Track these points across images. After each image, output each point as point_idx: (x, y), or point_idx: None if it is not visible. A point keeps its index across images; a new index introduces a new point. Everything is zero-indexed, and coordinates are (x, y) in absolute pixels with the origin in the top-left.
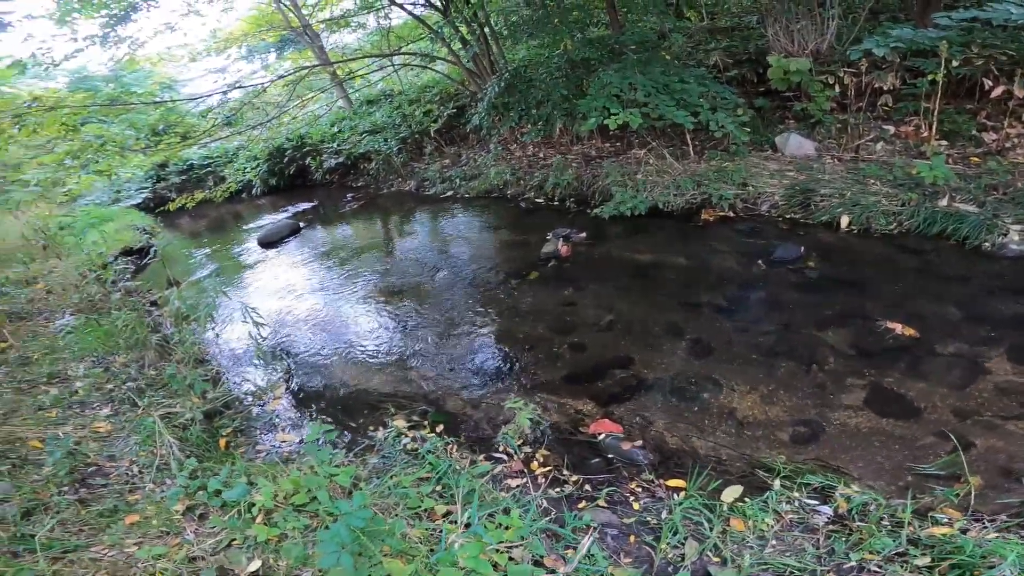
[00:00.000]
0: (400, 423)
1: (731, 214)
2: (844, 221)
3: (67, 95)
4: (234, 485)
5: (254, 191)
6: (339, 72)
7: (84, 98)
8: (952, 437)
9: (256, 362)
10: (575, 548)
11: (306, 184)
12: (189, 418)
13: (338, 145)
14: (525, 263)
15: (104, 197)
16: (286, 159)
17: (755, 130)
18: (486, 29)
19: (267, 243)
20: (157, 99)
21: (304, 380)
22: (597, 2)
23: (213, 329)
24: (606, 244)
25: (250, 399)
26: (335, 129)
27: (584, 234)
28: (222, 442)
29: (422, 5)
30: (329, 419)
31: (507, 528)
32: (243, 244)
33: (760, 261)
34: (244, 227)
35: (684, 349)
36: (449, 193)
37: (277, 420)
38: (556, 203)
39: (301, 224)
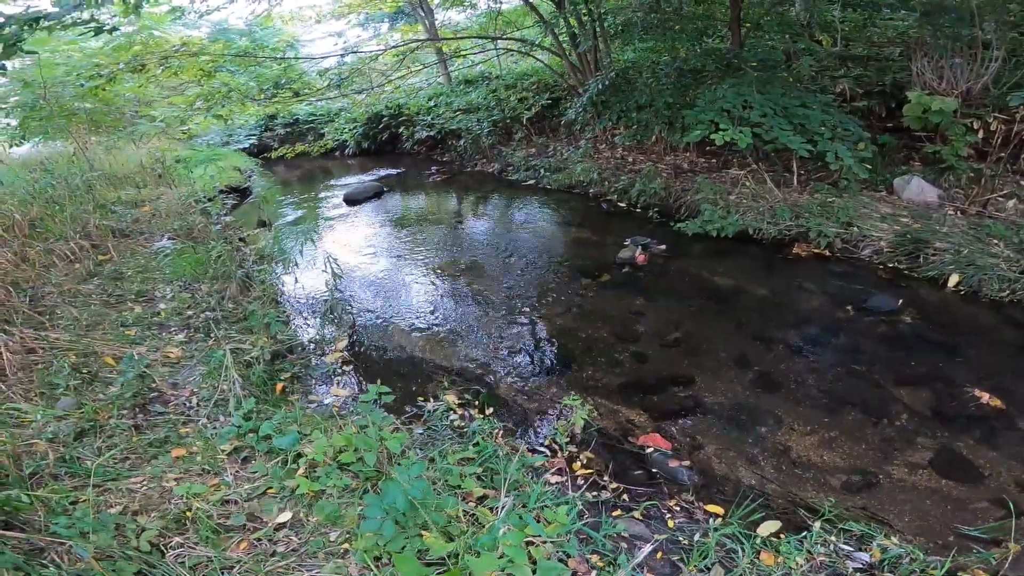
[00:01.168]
0: (451, 399)
1: (827, 253)
2: (953, 280)
3: (208, 44)
4: (287, 432)
5: (347, 151)
6: (444, 49)
7: (222, 47)
8: (1010, 503)
9: (323, 312)
10: (601, 554)
11: (395, 151)
12: (256, 356)
13: (432, 119)
14: (597, 264)
15: (216, 139)
16: (381, 125)
17: (873, 168)
18: (597, 27)
19: (352, 200)
20: (281, 56)
21: (364, 338)
22: (720, 14)
23: (292, 272)
24: (685, 260)
25: (312, 347)
26: (431, 103)
27: (664, 246)
28: (279, 386)
29: None
30: (383, 377)
31: (549, 523)
32: (330, 198)
33: (850, 307)
34: (332, 182)
35: (750, 380)
36: (531, 181)
37: (333, 373)
38: (638, 210)
39: (385, 188)
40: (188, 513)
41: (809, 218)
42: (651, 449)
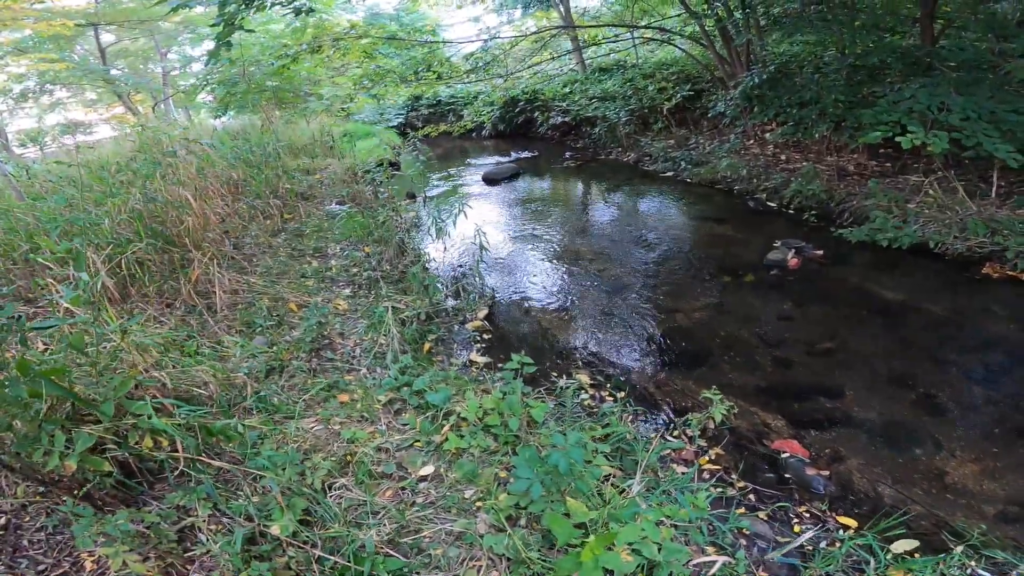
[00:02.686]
0: (583, 378)
1: (1021, 276)
2: None
3: (369, 27)
4: (437, 390)
5: (484, 132)
6: (579, 36)
7: (381, 31)
8: None
9: (467, 282)
10: (719, 546)
11: (528, 135)
12: (411, 315)
13: (567, 105)
14: (742, 263)
15: (370, 117)
16: (517, 109)
17: None
18: (752, 18)
19: (490, 180)
20: (431, 39)
21: (502, 311)
22: (904, 8)
23: (441, 241)
24: (845, 269)
25: (455, 314)
26: (566, 90)
27: (821, 252)
28: (426, 346)
29: None
30: (519, 350)
31: (683, 508)
32: (469, 175)
33: None
34: (471, 161)
35: (911, 401)
36: (669, 173)
37: (473, 341)
38: (791, 211)
39: (521, 170)
40: (350, 457)
41: (1011, 236)
42: (787, 454)
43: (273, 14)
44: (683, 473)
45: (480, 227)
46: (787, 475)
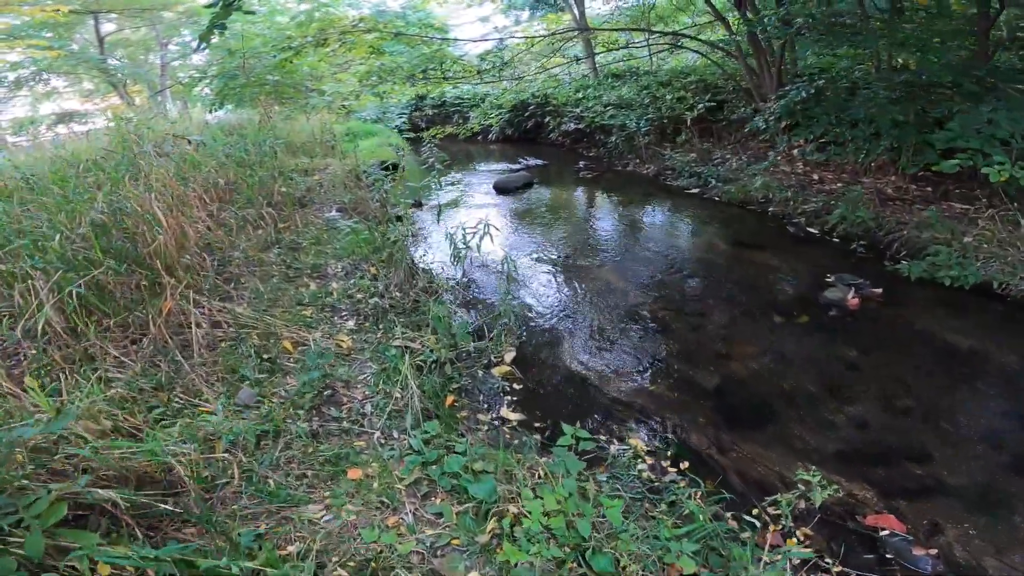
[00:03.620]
0: (638, 444)
1: None
2: None
3: (378, 22)
4: (480, 478)
5: (490, 136)
6: (594, 40)
7: (390, 26)
8: None
9: (492, 318)
10: None
11: (537, 140)
12: (427, 360)
13: (580, 111)
14: (794, 300)
15: (371, 116)
16: (527, 113)
17: None
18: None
19: (502, 189)
20: (442, 37)
21: (531, 352)
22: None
23: (459, 268)
24: (906, 310)
25: (478, 355)
26: (579, 95)
27: (879, 291)
28: (449, 399)
29: None
30: (556, 405)
31: None
32: (478, 183)
33: None
34: (478, 167)
35: (1004, 463)
36: (695, 190)
37: (502, 392)
38: (835, 239)
39: (534, 179)
40: (375, 564)
41: None
42: (885, 531)
43: (279, 3)
44: (769, 563)
45: (508, 254)
46: (889, 555)
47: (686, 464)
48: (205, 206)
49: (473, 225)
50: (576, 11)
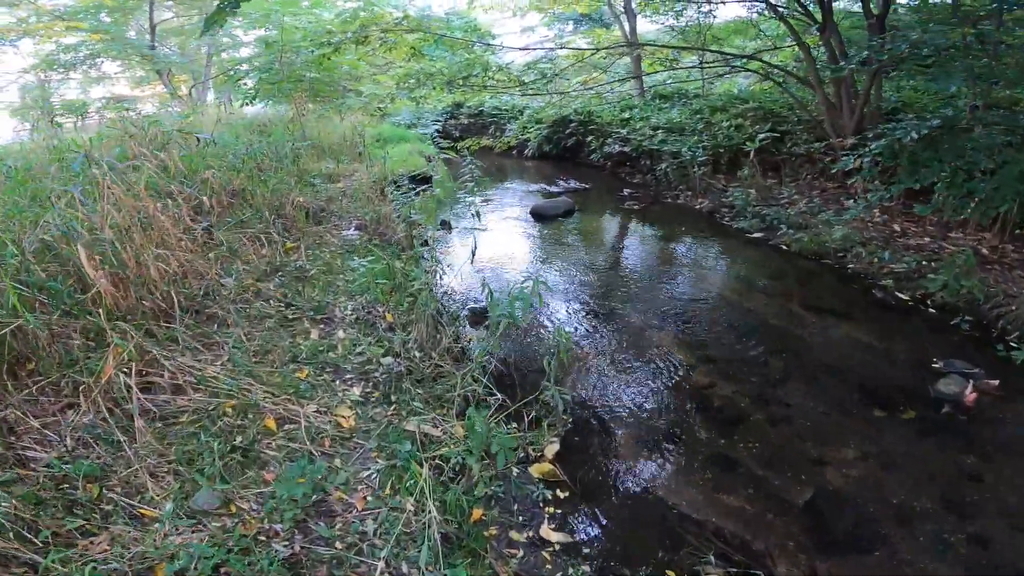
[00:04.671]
0: None
1: None
2: None
3: (423, 21)
4: None
5: (527, 152)
6: (643, 58)
7: (434, 27)
8: None
9: (531, 398)
10: None
11: (576, 160)
12: (453, 455)
13: (627, 133)
14: (895, 390)
15: (406, 121)
16: (568, 131)
17: None
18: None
19: (540, 215)
20: (492, 43)
21: (578, 444)
22: None
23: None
24: None
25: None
26: (624, 115)
27: (996, 382)
28: (476, 513)
29: (794, 11)
30: (609, 521)
31: None
32: (512, 205)
33: None
34: (513, 186)
35: None
36: (759, 234)
37: (542, 501)
38: (932, 310)
39: (575, 206)
40: None
41: None
42: None
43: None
44: None
45: (557, 323)
46: None
47: None
48: (189, 223)
49: (519, 279)
50: (627, 26)
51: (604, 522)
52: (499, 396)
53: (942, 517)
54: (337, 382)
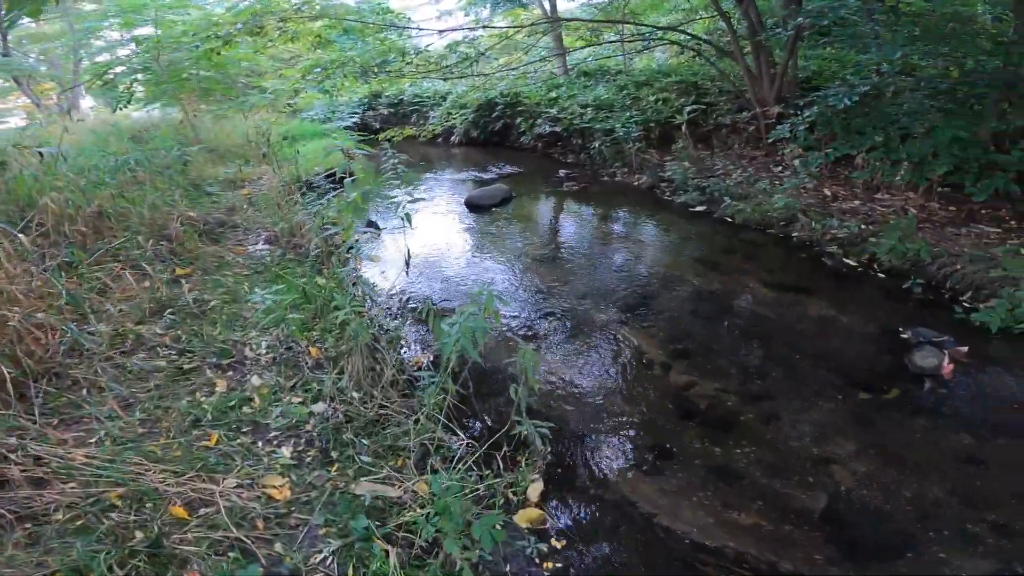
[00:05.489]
0: None
1: None
2: None
3: (327, 7)
4: None
5: (453, 139)
6: (564, 36)
7: (343, 13)
8: None
9: (505, 434)
10: None
11: (506, 144)
12: (418, 519)
13: (557, 112)
14: (873, 368)
15: (320, 115)
16: (495, 114)
17: None
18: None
19: (475, 206)
20: (408, 26)
21: (564, 477)
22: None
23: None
24: (999, 374)
25: (489, 492)
26: (553, 95)
27: (966, 349)
28: None
29: None
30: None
31: None
32: (444, 196)
33: None
34: (441, 175)
35: None
36: (701, 207)
37: (536, 556)
38: (882, 275)
39: (512, 193)
40: None
41: None
42: None
43: None
44: None
45: (521, 345)
46: None
47: None
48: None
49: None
50: (547, 4)
51: (613, 571)
52: (462, 437)
53: (958, 508)
54: (259, 444)
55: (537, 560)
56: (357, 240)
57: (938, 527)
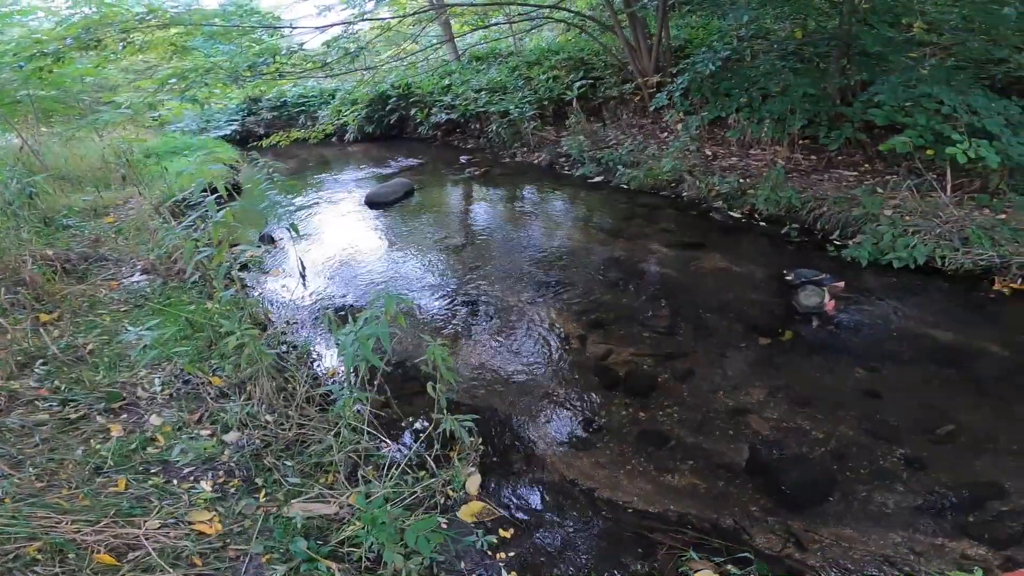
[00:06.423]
0: None
1: None
2: None
3: (181, 15)
4: None
5: (347, 137)
6: (453, 21)
7: (199, 18)
8: None
9: (429, 433)
10: None
11: (403, 136)
12: (361, 530)
13: (451, 99)
14: (767, 312)
15: (192, 126)
16: (388, 107)
17: None
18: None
19: (377, 203)
20: (274, 25)
21: (501, 465)
22: None
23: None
24: (873, 304)
25: (427, 495)
26: (446, 82)
27: (842, 284)
28: None
29: None
30: (573, 548)
31: None
32: (343, 197)
33: None
34: (339, 175)
35: None
36: (599, 178)
37: (488, 548)
38: (763, 223)
39: (414, 185)
40: None
41: (1003, 244)
42: None
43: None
44: None
45: (432, 339)
46: None
47: None
48: None
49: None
50: None
51: (566, 551)
52: (390, 443)
53: (868, 443)
54: (174, 482)
55: (490, 552)
56: (252, 257)
57: (854, 466)
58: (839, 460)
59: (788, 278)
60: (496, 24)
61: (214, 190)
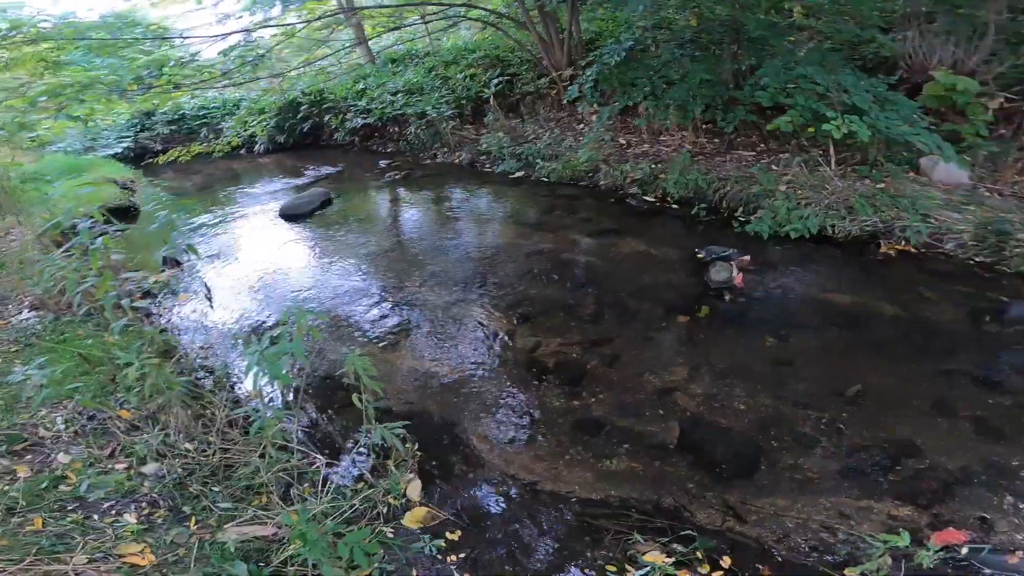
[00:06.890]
0: (659, 559)
1: (911, 249)
2: None
3: (52, 29)
4: None
5: (257, 148)
6: (367, 25)
7: (72, 32)
8: None
9: (365, 444)
10: None
11: (319, 144)
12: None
13: (366, 104)
14: (683, 291)
15: (77, 145)
16: (300, 115)
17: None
18: None
19: (292, 215)
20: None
21: (440, 468)
22: None
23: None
24: (777, 275)
25: (368, 506)
26: (360, 86)
27: (748, 257)
28: None
29: None
30: (519, 543)
31: None
32: (255, 212)
33: (988, 318)
34: (249, 189)
35: (971, 431)
36: (520, 173)
37: (435, 552)
38: (675, 206)
39: (331, 193)
40: None
41: (884, 210)
42: (965, 549)
43: None
44: None
45: (349, 352)
46: (987, 572)
47: (727, 561)
48: None
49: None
50: None
51: (515, 546)
52: (320, 459)
53: (789, 412)
54: (95, 517)
55: (440, 556)
56: (157, 282)
57: (778, 434)
58: (763, 430)
59: (700, 256)
60: (411, 24)
61: (113, 211)
